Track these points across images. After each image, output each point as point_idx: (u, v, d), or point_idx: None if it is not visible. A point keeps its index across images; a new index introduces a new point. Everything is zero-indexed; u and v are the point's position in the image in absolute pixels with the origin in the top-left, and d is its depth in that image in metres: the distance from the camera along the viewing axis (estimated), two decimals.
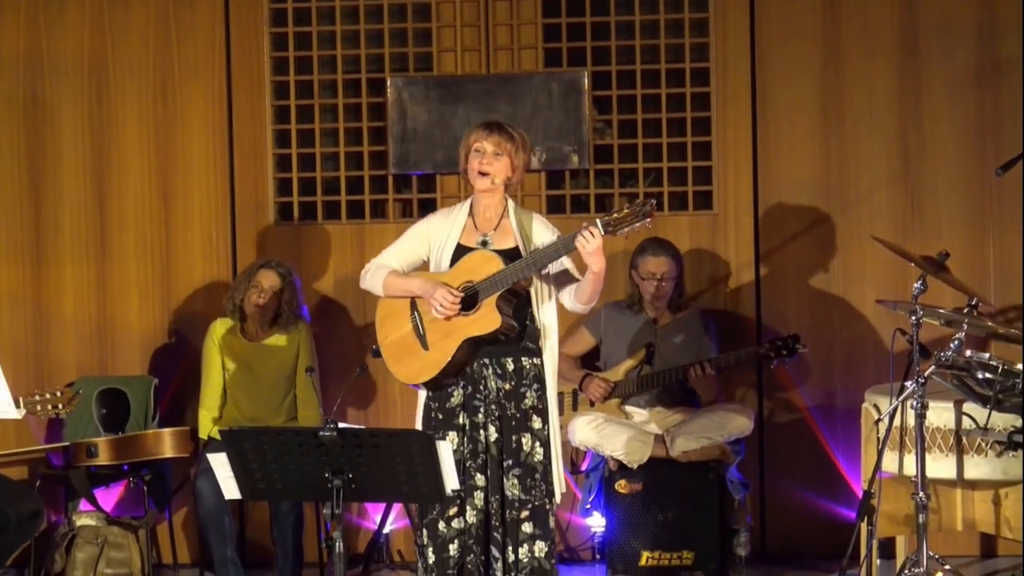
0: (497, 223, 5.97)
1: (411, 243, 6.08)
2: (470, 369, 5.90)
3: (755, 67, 7.60)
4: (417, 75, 7.73)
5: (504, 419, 5.88)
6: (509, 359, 5.90)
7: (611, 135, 7.72)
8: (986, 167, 7.38)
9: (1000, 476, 6.40)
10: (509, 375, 5.89)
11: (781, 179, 7.61)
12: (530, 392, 5.90)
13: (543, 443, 5.90)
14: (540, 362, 5.93)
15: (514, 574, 5.86)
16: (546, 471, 5.90)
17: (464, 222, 5.99)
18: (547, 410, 5.92)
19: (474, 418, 5.89)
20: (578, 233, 5.63)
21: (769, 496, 7.59)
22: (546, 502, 5.89)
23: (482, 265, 5.81)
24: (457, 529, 5.89)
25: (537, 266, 5.77)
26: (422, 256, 6.06)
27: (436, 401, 5.95)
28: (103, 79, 7.81)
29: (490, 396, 5.89)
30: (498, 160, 5.89)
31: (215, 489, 5.84)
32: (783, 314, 7.59)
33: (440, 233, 6.00)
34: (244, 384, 7.21)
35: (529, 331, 5.92)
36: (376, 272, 6.04)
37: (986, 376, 5.96)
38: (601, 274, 5.74)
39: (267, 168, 7.78)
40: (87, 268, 7.82)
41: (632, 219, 5.60)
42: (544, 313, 5.94)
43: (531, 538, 5.86)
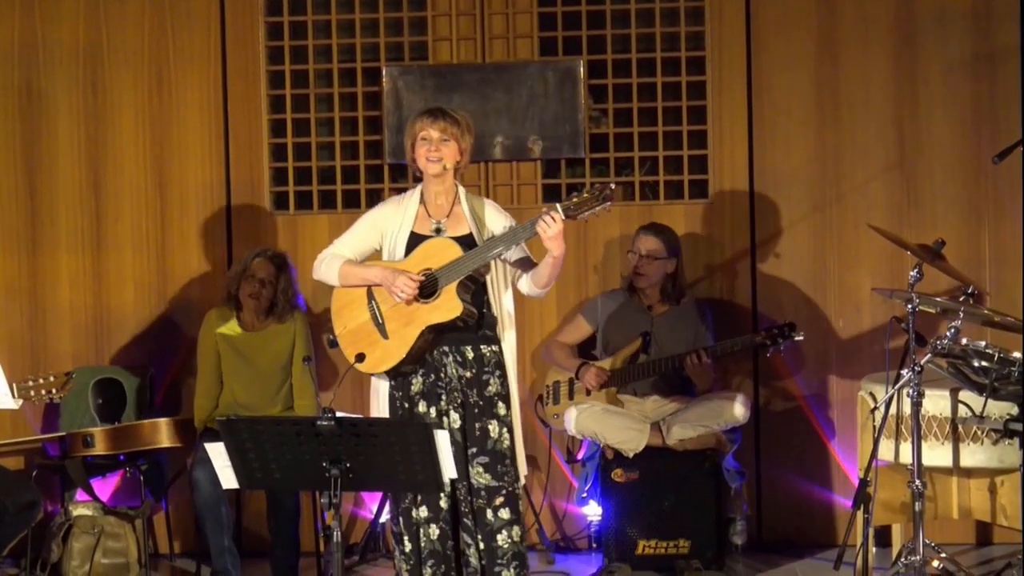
0: (449, 210, 5.99)
1: (363, 232, 6.07)
2: (430, 357, 5.92)
3: (751, 56, 7.59)
4: (413, 64, 7.73)
5: (467, 406, 5.91)
6: (469, 347, 5.93)
7: (607, 124, 7.72)
8: (982, 155, 7.39)
9: (996, 464, 6.41)
10: (469, 363, 5.92)
11: (777, 168, 7.61)
12: (493, 379, 5.94)
13: (509, 428, 5.95)
14: (499, 349, 5.97)
15: (487, 561, 5.89)
16: (513, 456, 5.95)
17: (416, 210, 6.00)
18: (510, 396, 5.97)
19: (437, 405, 5.92)
20: (539, 218, 5.66)
21: (765, 484, 7.60)
22: (516, 487, 5.94)
23: (441, 252, 5.83)
24: (424, 517, 5.91)
25: (498, 251, 5.79)
26: (374, 245, 6.06)
27: (400, 390, 5.96)
28: (99, 69, 7.80)
29: (451, 383, 5.91)
30: (446, 145, 5.92)
31: (212, 479, 5.84)
32: (779, 302, 7.59)
33: (392, 222, 6.01)
34: (241, 374, 7.21)
35: (487, 319, 5.95)
36: (330, 262, 6.03)
37: (982, 364, 5.96)
38: (560, 259, 5.77)
39: (262, 157, 7.78)
40: (83, 258, 7.82)
41: (592, 203, 5.64)
42: (502, 300, 5.97)
43: (508, 524, 5.90)
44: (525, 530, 6.00)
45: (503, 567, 5.89)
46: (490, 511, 5.89)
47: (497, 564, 5.89)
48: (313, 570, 7.28)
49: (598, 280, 7.65)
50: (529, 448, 7.60)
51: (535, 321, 7.68)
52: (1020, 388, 5.93)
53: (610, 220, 7.62)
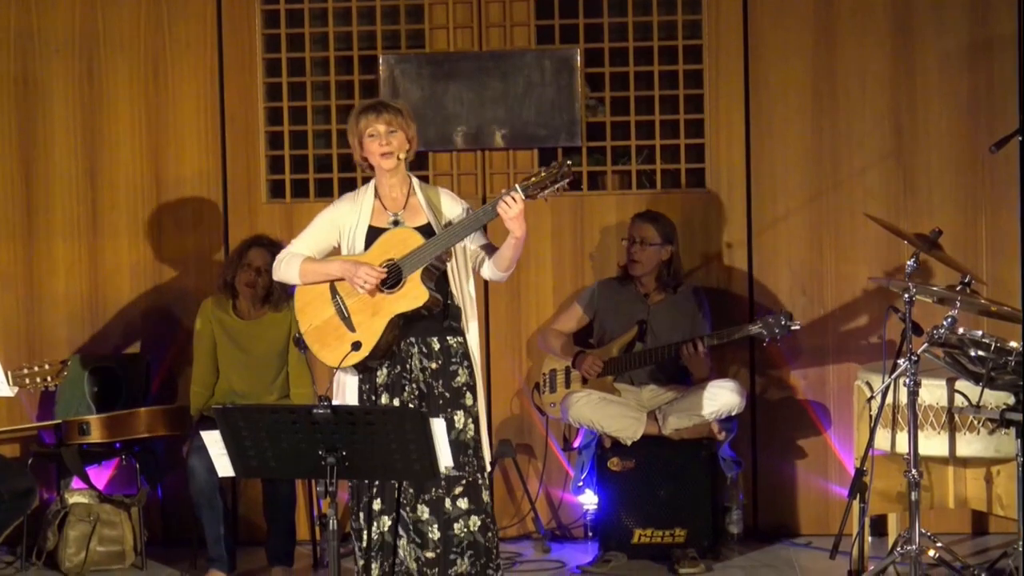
0: (405, 201, 5.99)
1: (321, 231, 6.06)
2: (396, 348, 5.91)
3: (748, 44, 7.58)
4: (409, 52, 7.72)
5: (430, 398, 5.90)
6: (435, 338, 5.92)
7: (604, 112, 7.71)
8: (979, 145, 7.38)
9: (992, 454, 6.41)
10: (435, 354, 5.91)
11: (774, 157, 7.60)
12: (461, 370, 5.93)
13: (474, 419, 5.94)
14: (465, 340, 5.96)
15: (442, 550, 5.86)
16: (477, 446, 5.94)
17: (372, 204, 6.00)
18: (476, 386, 5.96)
19: (401, 397, 5.91)
20: (499, 199, 5.67)
21: (761, 474, 7.60)
22: (478, 476, 5.92)
23: (402, 242, 5.83)
24: (376, 510, 5.91)
25: (460, 236, 5.79)
26: (332, 243, 6.06)
27: (366, 383, 5.96)
28: (94, 56, 7.78)
29: (414, 375, 5.91)
30: (394, 136, 5.92)
31: (208, 467, 5.84)
32: (775, 292, 7.59)
33: (349, 218, 6.00)
34: (236, 362, 7.20)
35: (451, 310, 5.93)
36: (289, 261, 6.03)
37: (979, 354, 5.97)
38: (522, 240, 5.77)
39: (259, 145, 7.77)
40: (79, 246, 7.81)
41: (550, 181, 5.64)
42: (465, 289, 5.96)
43: (466, 513, 5.88)
44: (489, 521, 5.93)
45: (457, 555, 5.87)
46: (448, 500, 5.87)
47: (452, 552, 5.86)
48: (309, 558, 7.29)
49: (594, 268, 7.64)
50: (525, 437, 7.63)
51: (531, 309, 7.68)
52: (1016, 378, 5.94)
53: (607, 209, 7.63)
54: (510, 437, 7.57)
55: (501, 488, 7.63)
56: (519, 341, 7.68)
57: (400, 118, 5.94)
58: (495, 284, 7.05)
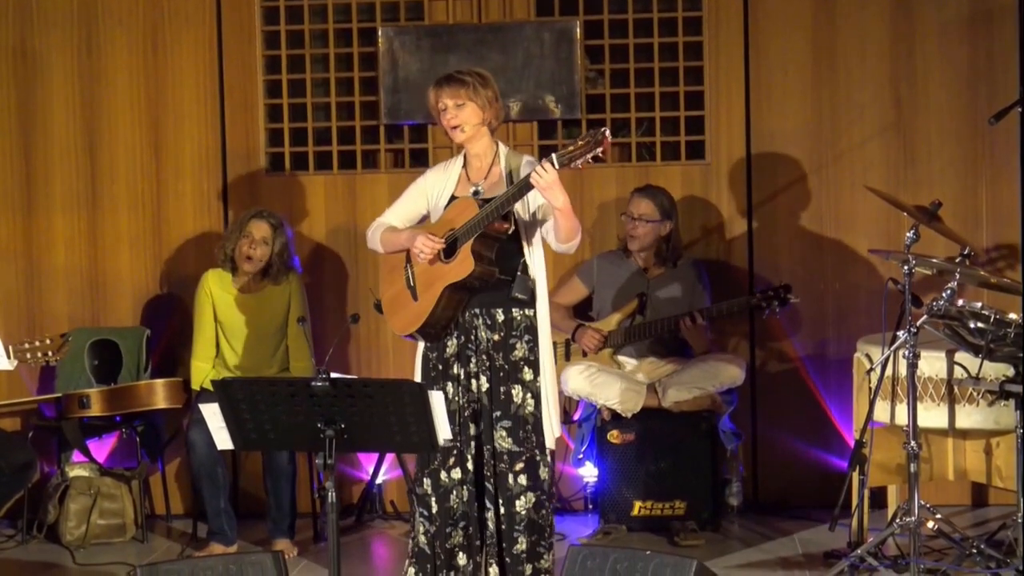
0: (487, 171, 5.95)
1: (410, 200, 6.09)
2: (462, 319, 5.88)
3: (747, 16, 7.56)
4: (408, 24, 7.70)
5: (493, 370, 5.87)
6: (499, 310, 5.88)
7: (603, 85, 7.69)
8: (979, 116, 7.37)
9: (991, 426, 6.41)
10: (499, 326, 5.87)
11: (774, 129, 7.58)
12: (520, 343, 5.88)
13: (535, 395, 5.88)
14: (532, 312, 5.89)
15: (506, 526, 5.87)
16: (537, 423, 5.88)
17: (459, 174, 5.99)
18: (539, 361, 5.89)
19: (467, 367, 5.89)
20: (533, 170, 5.59)
21: (761, 446, 7.61)
22: (536, 453, 5.88)
23: (462, 212, 5.81)
24: (456, 479, 5.90)
25: (504, 206, 5.69)
26: (422, 211, 6.06)
27: (434, 352, 5.95)
28: (93, 29, 7.77)
29: (481, 346, 5.88)
30: (462, 110, 5.85)
31: (208, 440, 5.84)
32: (775, 264, 7.58)
33: (436, 187, 6.01)
34: (236, 335, 7.20)
35: (519, 281, 5.85)
36: (376, 231, 6.08)
37: (978, 325, 5.96)
38: (566, 209, 5.64)
39: (258, 118, 7.75)
40: (78, 219, 7.80)
41: (585, 150, 5.51)
42: (534, 260, 5.89)
43: (525, 490, 5.86)
44: (543, 499, 5.89)
45: (520, 533, 5.86)
46: (511, 476, 5.84)
47: (514, 530, 5.86)
48: (309, 531, 7.29)
49: (594, 242, 7.62)
50: None
51: None
52: (1016, 349, 5.93)
53: (606, 181, 7.62)
54: None
55: None
56: None
57: (466, 89, 5.83)
58: None
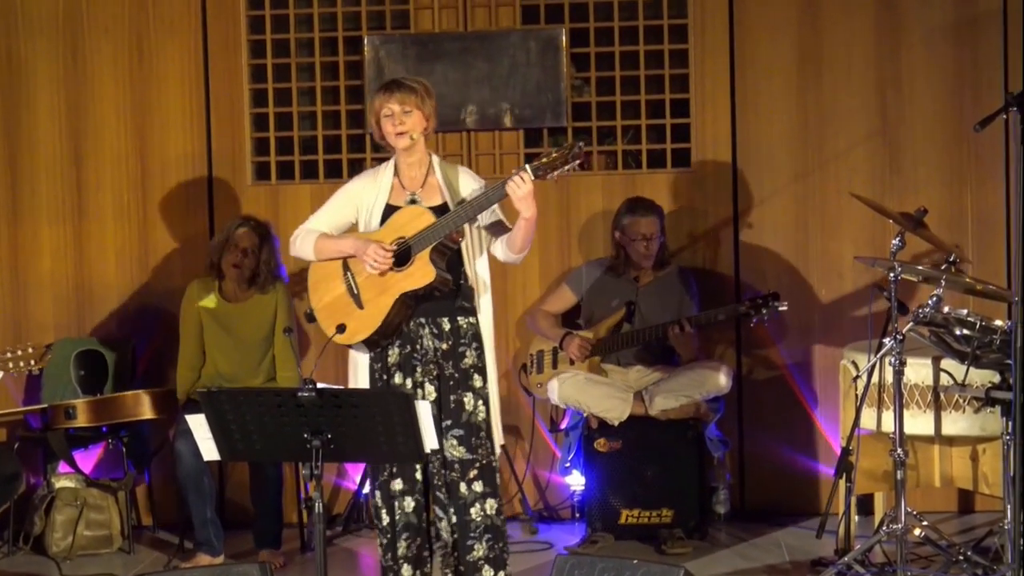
0: (423, 180, 5.96)
1: (339, 207, 6.05)
2: (407, 328, 5.89)
3: (733, 23, 7.57)
4: (394, 33, 7.69)
5: (442, 379, 5.89)
6: (445, 318, 5.90)
7: (589, 92, 7.69)
8: (964, 122, 7.38)
9: (978, 432, 6.42)
10: (446, 334, 5.89)
11: (759, 136, 7.59)
12: (469, 351, 5.91)
13: (485, 401, 5.92)
14: (476, 320, 5.93)
15: (459, 535, 5.87)
16: (488, 428, 5.92)
17: (391, 182, 5.97)
18: (486, 367, 5.94)
19: (413, 377, 5.89)
20: (508, 179, 5.62)
21: (748, 453, 7.61)
22: (492, 459, 5.92)
23: (414, 220, 5.80)
24: (398, 490, 5.91)
25: (469, 215, 5.74)
26: (350, 219, 6.04)
27: (378, 361, 5.95)
28: (78, 37, 7.76)
29: (427, 355, 5.89)
30: (409, 116, 5.86)
31: (194, 450, 5.81)
32: (762, 271, 7.58)
33: (367, 195, 5.98)
34: (223, 344, 7.19)
35: (463, 290, 5.91)
36: (305, 237, 6.02)
37: (964, 332, 5.97)
38: (533, 220, 5.71)
39: (244, 127, 7.75)
40: (64, 228, 7.79)
41: (562, 162, 5.58)
42: (477, 269, 5.93)
43: (482, 496, 5.88)
44: (502, 504, 5.95)
45: (475, 540, 5.87)
46: (463, 484, 5.87)
47: (470, 538, 5.87)
48: (296, 541, 7.28)
49: (582, 249, 7.63)
50: (512, 418, 7.62)
51: (518, 290, 7.67)
52: (1002, 356, 5.94)
53: (593, 190, 7.62)
54: None
55: None
56: (506, 323, 7.67)
57: (415, 96, 5.86)
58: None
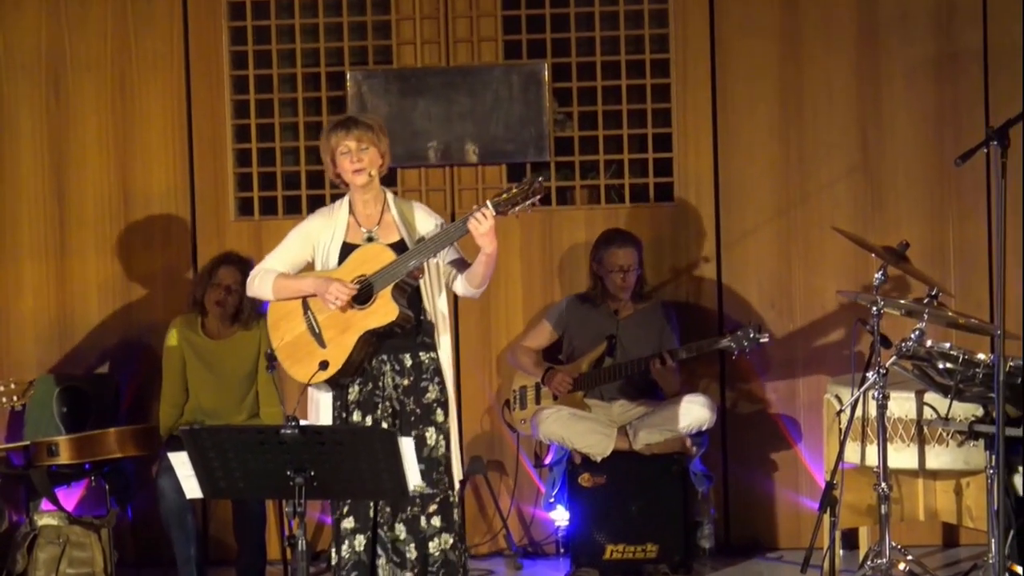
0: (379, 218, 5.98)
1: (295, 246, 6.05)
2: (368, 366, 5.90)
3: (715, 57, 7.60)
4: (377, 68, 7.71)
5: (402, 415, 5.90)
6: (407, 354, 5.92)
7: (572, 127, 7.71)
8: (945, 157, 7.40)
9: (961, 466, 6.42)
10: (407, 370, 5.91)
11: (742, 170, 7.61)
12: (432, 386, 5.92)
13: (445, 436, 5.94)
14: (437, 355, 5.95)
15: (419, 569, 5.86)
16: (448, 463, 5.93)
17: (346, 220, 5.99)
18: (448, 402, 5.95)
19: (373, 414, 5.90)
20: (470, 215, 5.66)
21: (732, 488, 7.60)
22: (450, 494, 5.93)
23: (374, 258, 5.82)
24: (349, 528, 5.90)
25: (431, 252, 5.78)
26: (306, 258, 6.05)
27: (339, 399, 5.95)
28: (61, 74, 7.76)
29: (387, 392, 5.90)
30: (366, 153, 5.90)
31: (177, 487, 5.79)
32: (745, 305, 7.59)
33: (324, 234, 5.99)
34: (206, 381, 7.17)
35: (424, 325, 5.93)
36: (263, 277, 6.02)
37: (947, 366, 5.98)
38: (494, 255, 5.76)
39: (227, 163, 7.75)
40: (46, 265, 7.77)
41: (522, 197, 5.64)
42: (437, 305, 5.95)
43: (439, 531, 5.89)
44: (459, 539, 5.93)
45: (433, 575, 5.88)
46: (424, 518, 5.87)
47: (428, 572, 5.87)
48: None
49: (565, 283, 7.63)
50: (497, 453, 7.61)
51: (501, 325, 7.67)
52: (985, 390, 5.95)
53: (576, 224, 7.63)
54: (481, 454, 7.55)
55: (472, 505, 7.62)
56: (489, 357, 7.67)
57: (371, 134, 5.90)
58: (465, 300, 7.04)
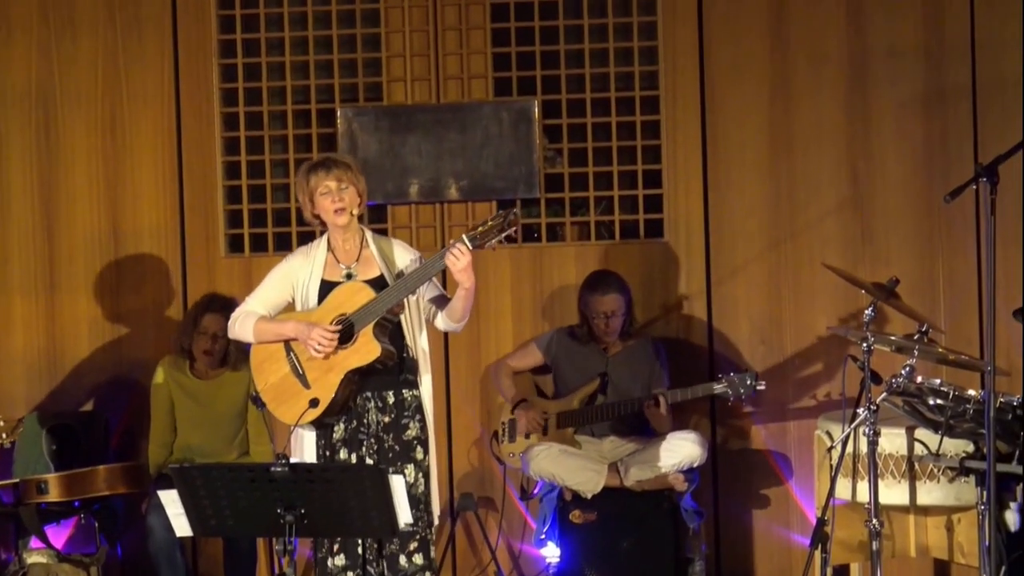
0: (358, 254, 5.99)
1: (274, 287, 6.08)
2: (353, 404, 5.91)
3: (704, 94, 7.61)
4: (367, 105, 7.72)
5: (381, 452, 5.90)
6: (390, 391, 5.94)
7: (562, 164, 7.72)
8: (934, 193, 7.41)
9: (953, 502, 6.41)
10: (389, 407, 5.93)
11: (732, 206, 7.62)
12: (412, 423, 5.94)
13: (425, 474, 5.95)
14: (420, 393, 5.97)
15: None
16: (427, 501, 5.94)
17: (325, 258, 6.02)
18: (428, 440, 5.97)
19: (358, 452, 5.91)
20: (446, 251, 5.68)
21: (723, 524, 7.59)
22: (428, 532, 5.94)
23: (353, 296, 5.83)
24: (340, 565, 5.89)
25: (410, 288, 5.79)
26: (287, 298, 6.07)
27: (323, 438, 5.95)
28: (51, 110, 7.77)
29: (371, 429, 5.91)
30: (346, 192, 5.93)
31: (166, 525, 5.79)
32: (735, 341, 7.59)
33: (302, 272, 6.02)
34: (195, 419, 7.17)
35: (407, 362, 5.94)
36: (244, 321, 6.04)
37: (937, 402, 5.97)
38: (472, 290, 5.80)
39: (217, 200, 7.75)
40: (36, 302, 7.76)
41: (497, 231, 5.65)
42: (419, 341, 5.96)
43: (421, 569, 5.90)
44: None
45: None
46: (403, 556, 5.88)
47: None
48: None
49: (554, 319, 7.62)
50: (487, 488, 7.60)
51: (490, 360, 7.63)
52: (975, 426, 5.94)
53: (566, 261, 7.63)
54: (470, 489, 7.54)
55: (463, 540, 7.60)
56: (478, 392, 7.66)
57: (350, 173, 5.95)
58: (454, 336, 7.05)
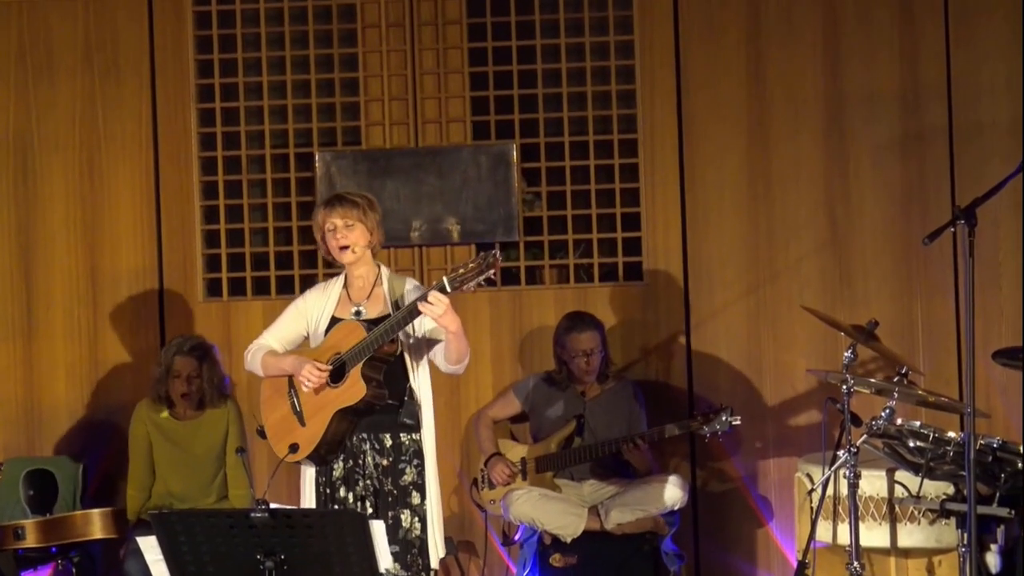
0: (370, 292, 5.99)
1: (289, 321, 6.10)
2: (350, 443, 5.89)
3: (682, 137, 7.63)
4: (345, 149, 7.72)
5: (380, 495, 5.88)
6: (387, 434, 5.91)
7: (540, 207, 7.73)
8: (912, 235, 7.44)
9: (933, 544, 6.41)
10: (387, 451, 5.90)
11: (710, 248, 7.63)
12: (410, 468, 5.91)
13: (421, 519, 5.92)
14: (419, 437, 5.93)
15: None
16: (423, 545, 5.92)
17: (339, 295, 6.02)
18: (426, 485, 5.93)
19: (355, 491, 5.90)
20: (423, 298, 5.62)
21: (704, 567, 7.57)
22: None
23: (348, 335, 5.83)
24: None
25: (394, 330, 5.74)
26: (302, 333, 6.08)
27: (323, 475, 5.95)
28: (28, 154, 7.76)
29: (368, 470, 5.90)
30: (352, 230, 5.91)
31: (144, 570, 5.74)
32: (715, 384, 7.59)
33: (316, 308, 6.03)
34: (174, 463, 7.14)
35: (407, 407, 5.90)
36: (256, 353, 6.07)
37: (918, 444, 5.99)
38: (459, 333, 5.74)
39: (195, 244, 7.74)
40: (13, 347, 7.74)
41: (476, 272, 5.59)
42: (420, 384, 5.94)
43: None
44: None
45: None
46: None
47: None
48: None
49: (534, 362, 7.62)
50: (467, 533, 7.58)
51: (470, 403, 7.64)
52: (955, 468, 5.95)
53: (545, 304, 7.62)
54: (451, 534, 7.49)
55: None
56: (458, 437, 7.65)
57: (357, 211, 5.90)
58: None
